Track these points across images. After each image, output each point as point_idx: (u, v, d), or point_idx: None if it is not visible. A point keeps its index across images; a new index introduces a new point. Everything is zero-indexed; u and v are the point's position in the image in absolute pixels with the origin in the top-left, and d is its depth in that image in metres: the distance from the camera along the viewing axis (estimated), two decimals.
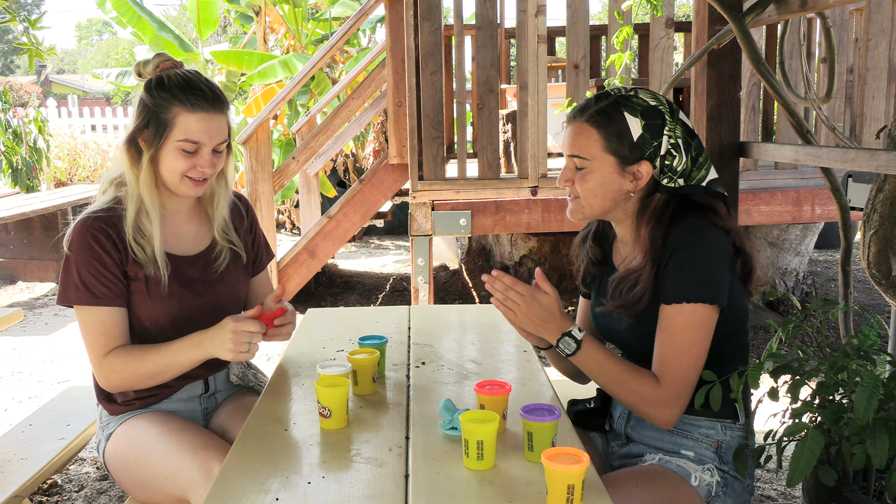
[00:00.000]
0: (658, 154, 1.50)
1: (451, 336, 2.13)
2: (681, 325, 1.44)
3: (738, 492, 1.54)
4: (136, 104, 1.70)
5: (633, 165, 1.50)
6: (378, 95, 5.39)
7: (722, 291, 1.45)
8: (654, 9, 2.59)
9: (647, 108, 1.49)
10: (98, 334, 1.68)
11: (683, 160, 1.50)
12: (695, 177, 1.51)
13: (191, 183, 1.71)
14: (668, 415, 1.45)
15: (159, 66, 1.71)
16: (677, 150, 1.49)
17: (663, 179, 1.51)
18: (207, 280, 1.79)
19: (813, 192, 4.00)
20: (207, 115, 1.67)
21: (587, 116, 1.52)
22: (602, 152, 1.50)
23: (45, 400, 3.67)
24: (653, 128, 1.49)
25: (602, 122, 1.50)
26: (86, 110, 12.01)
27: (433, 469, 1.29)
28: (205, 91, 1.67)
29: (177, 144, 1.66)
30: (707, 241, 1.46)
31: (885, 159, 1.64)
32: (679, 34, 6.22)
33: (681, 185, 1.51)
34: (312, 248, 4.75)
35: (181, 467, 1.60)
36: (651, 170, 1.50)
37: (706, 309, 1.44)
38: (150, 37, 7.74)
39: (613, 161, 1.50)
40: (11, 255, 6.32)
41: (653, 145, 1.49)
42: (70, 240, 1.70)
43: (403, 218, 4.95)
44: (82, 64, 38.55)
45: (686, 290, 1.44)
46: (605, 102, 1.51)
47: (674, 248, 1.46)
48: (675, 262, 1.45)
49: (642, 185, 1.52)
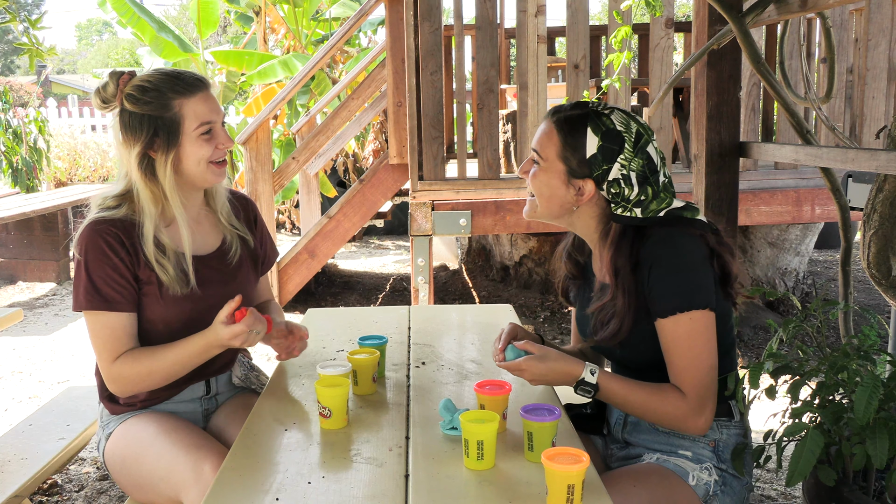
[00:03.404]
0: (605, 178, 1.50)
1: (451, 336, 2.13)
2: (684, 336, 1.45)
3: (737, 490, 1.54)
4: (127, 124, 1.65)
5: (579, 180, 1.51)
6: (378, 95, 5.39)
7: (709, 293, 1.46)
8: (652, 9, 2.59)
9: (609, 130, 1.49)
10: (107, 339, 1.66)
11: (635, 191, 1.49)
12: (651, 209, 1.51)
13: (216, 168, 1.71)
14: (703, 423, 1.46)
15: (119, 81, 1.67)
16: (627, 181, 1.49)
17: (617, 209, 1.51)
18: (223, 277, 1.79)
19: (813, 192, 3.99)
20: (205, 94, 1.68)
21: (556, 119, 1.54)
22: (556, 157, 1.53)
23: (45, 400, 3.66)
24: (607, 151, 1.49)
25: (565, 129, 1.52)
26: (86, 110, 12.00)
27: (433, 469, 1.29)
28: (188, 75, 1.69)
29: (195, 133, 1.66)
30: (680, 247, 1.47)
31: (885, 159, 1.64)
32: (679, 34, 6.22)
33: (637, 214, 1.50)
34: (312, 248, 4.75)
35: (174, 467, 1.60)
36: (594, 190, 1.51)
37: (700, 313, 1.44)
38: (150, 37, 7.74)
39: (563, 169, 1.52)
40: (11, 255, 6.32)
41: (601, 168, 1.49)
42: (80, 245, 1.66)
43: (403, 218, 4.95)
44: (82, 64, 38.55)
45: (676, 300, 1.44)
46: (576, 112, 1.53)
47: (650, 264, 1.46)
48: (657, 276, 1.46)
49: (583, 202, 1.53)
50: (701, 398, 1.45)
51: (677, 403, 1.45)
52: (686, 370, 1.45)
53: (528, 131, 3.86)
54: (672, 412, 1.46)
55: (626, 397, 1.49)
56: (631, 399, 1.49)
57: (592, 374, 1.48)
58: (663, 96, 2.77)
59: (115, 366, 1.66)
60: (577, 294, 1.73)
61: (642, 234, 1.51)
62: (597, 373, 1.48)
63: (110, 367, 1.66)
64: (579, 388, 1.49)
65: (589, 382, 1.48)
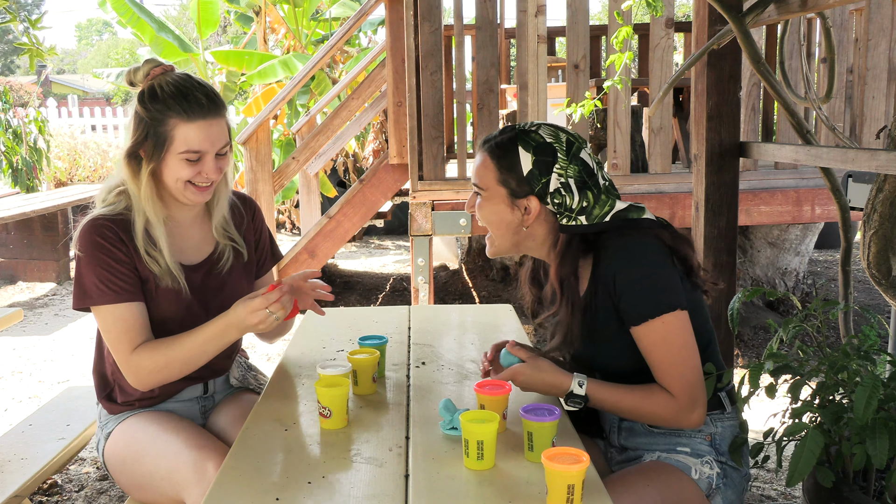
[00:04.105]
0: (546, 191, 1.51)
1: (451, 336, 2.13)
2: (659, 340, 1.45)
3: (737, 481, 1.56)
4: (132, 117, 1.66)
5: (522, 199, 1.52)
6: (378, 95, 5.39)
7: (677, 294, 1.47)
8: (653, 9, 2.59)
9: (540, 144, 1.51)
10: (122, 332, 1.64)
11: (576, 198, 1.50)
12: (596, 214, 1.51)
13: (195, 189, 1.68)
14: (696, 417, 1.47)
15: (150, 73, 1.66)
16: (567, 189, 1.50)
17: (562, 219, 1.52)
18: (212, 287, 1.78)
19: (813, 192, 3.99)
20: (206, 123, 1.63)
21: (488, 147, 1.56)
22: (495, 184, 1.53)
23: (45, 400, 3.66)
24: (542, 164, 1.50)
25: (498, 154, 1.53)
26: (86, 110, 12.01)
27: (433, 469, 1.29)
28: (199, 98, 1.63)
29: (179, 156, 1.63)
30: (638, 253, 1.47)
31: (885, 159, 1.64)
32: (679, 34, 6.21)
33: (582, 222, 1.51)
34: (312, 248, 4.75)
35: (176, 467, 1.60)
36: (539, 206, 1.52)
37: (673, 316, 1.45)
38: (150, 37, 7.75)
39: (504, 193, 1.53)
40: (11, 255, 6.32)
41: (541, 182, 1.50)
42: (79, 242, 1.66)
43: (403, 218, 4.95)
44: (82, 64, 38.55)
45: (646, 307, 1.45)
46: (505, 136, 1.54)
47: (613, 275, 1.47)
48: (621, 286, 1.46)
49: (532, 220, 1.53)
50: (690, 396, 1.45)
51: (667, 404, 1.46)
52: (669, 373, 1.46)
53: None
54: (663, 413, 1.47)
55: (616, 404, 1.50)
56: (622, 405, 1.50)
57: (580, 386, 1.49)
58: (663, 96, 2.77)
59: (132, 358, 1.64)
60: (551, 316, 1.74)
61: (594, 246, 1.52)
62: (584, 384, 1.49)
63: (128, 360, 1.64)
64: (569, 400, 1.51)
65: (577, 394, 1.49)
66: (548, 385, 1.51)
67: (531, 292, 1.74)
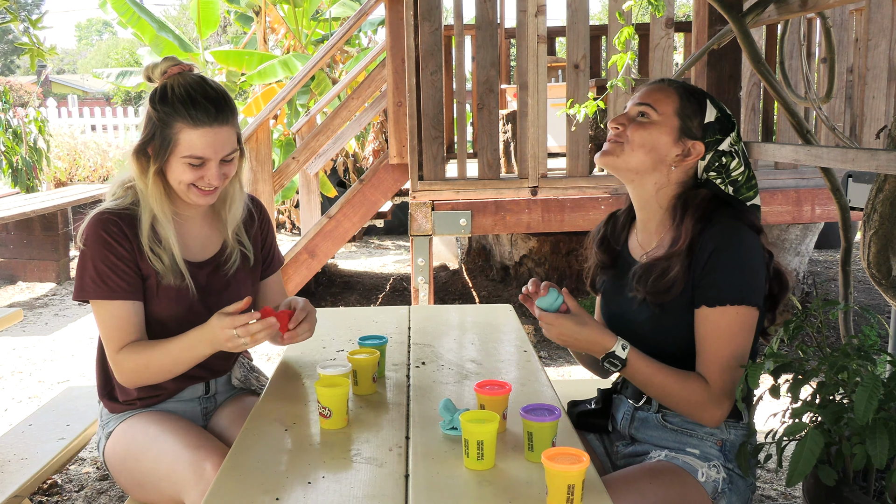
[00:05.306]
0: (715, 148, 1.54)
1: (451, 336, 2.13)
2: (725, 327, 1.46)
3: (743, 489, 1.55)
4: (144, 114, 1.68)
5: (691, 140, 1.54)
6: (378, 95, 5.39)
7: (759, 293, 1.48)
8: (654, 9, 2.59)
9: (725, 113, 1.57)
10: (113, 329, 1.67)
11: (741, 169, 1.55)
12: (743, 194, 1.56)
13: (199, 192, 1.68)
14: (720, 414, 1.48)
15: (167, 71, 1.67)
16: (737, 155, 1.55)
17: (716, 179, 1.55)
18: (216, 286, 1.78)
19: (813, 192, 3.99)
20: (211, 130, 1.62)
21: (675, 85, 1.59)
22: (672, 114, 1.55)
23: (45, 400, 3.66)
24: (724, 123, 1.55)
25: (685, 94, 1.57)
26: (86, 110, 12.02)
27: (433, 469, 1.29)
28: (207, 105, 1.62)
29: (182, 160, 1.63)
30: (745, 242, 1.48)
31: (885, 159, 1.64)
32: (679, 34, 6.22)
33: (729, 192, 1.55)
34: (312, 248, 4.74)
35: (175, 467, 1.60)
36: (701, 153, 1.54)
37: (748, 310, 1.46)
38: (150, 37, 7.75)
39: (677, 125, 1.54)
40: (11, 255, 6.32)
41: (715, 137, 1.54)
42: (84, 235, 1.68)
43: (403, 218, 4.95)
44: (82, 64, 38.53)
45: (728, 292, 1.46)
46: (694, 87, 1.60)
47: (712, 249, 1.47)
48: (714, 263, 1.46)
49: (682, 162, 1.54)
50: (724, 391, 1.46)
51: (699, 391, 1.47)
52: (717, 361, 1.46)
53: (527, 131, 3.86)
54: (692, 398, 1.47)
55: (650, 377, 1.49)
56: (655, 380, 1.49)
57: (623, 349, 1.49)
58: None
59: (119, 356, 1.67)
60: (607, 283, 1.72)
61: (707, 216, 1.52)
62: (628, 349, 1.49)
63: (115, 357, 1.68)
64: (607, 360, 1.50)
65: (619, 356, 1.49)
66: (589, 341, 1.50)
67: (597, 256, 1.72)
